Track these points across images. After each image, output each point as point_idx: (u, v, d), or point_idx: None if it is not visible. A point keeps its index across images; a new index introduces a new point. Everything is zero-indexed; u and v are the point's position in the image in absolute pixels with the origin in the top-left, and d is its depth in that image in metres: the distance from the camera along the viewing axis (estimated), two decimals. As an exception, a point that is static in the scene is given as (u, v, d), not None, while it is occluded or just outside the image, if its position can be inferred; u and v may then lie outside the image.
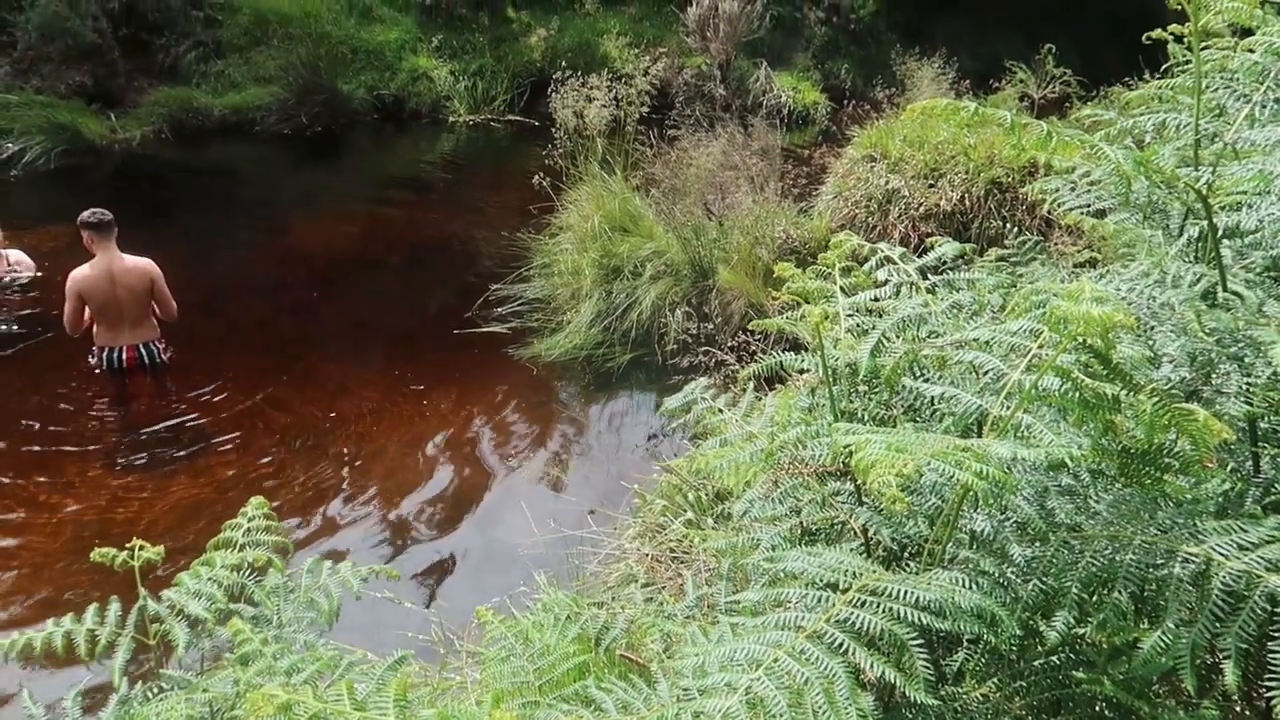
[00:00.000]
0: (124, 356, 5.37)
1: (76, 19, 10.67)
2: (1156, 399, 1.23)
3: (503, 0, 13.47)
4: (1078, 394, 1.27)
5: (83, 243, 5.19)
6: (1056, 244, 5.89)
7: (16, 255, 7.03)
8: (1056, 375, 1.29)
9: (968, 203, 6.48)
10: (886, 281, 1.76)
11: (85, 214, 5.15)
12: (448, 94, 12.53)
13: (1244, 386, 1.44)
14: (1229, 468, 1.55)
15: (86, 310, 5.27)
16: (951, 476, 1.19)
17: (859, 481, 1.54)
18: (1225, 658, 1.17)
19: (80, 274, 5.16)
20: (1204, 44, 1.76)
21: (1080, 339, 1.25)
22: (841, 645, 1.21)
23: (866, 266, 1.79)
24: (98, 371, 5.40)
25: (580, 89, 7.27)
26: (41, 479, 4.83)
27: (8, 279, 6.86)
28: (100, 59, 10.91)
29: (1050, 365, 1.28)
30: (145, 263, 5.33)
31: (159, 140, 10.78)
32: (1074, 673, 1.42)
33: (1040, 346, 1.35)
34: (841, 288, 1.73)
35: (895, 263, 1.78)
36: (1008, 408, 1.34)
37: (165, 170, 10.12)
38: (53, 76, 10.68)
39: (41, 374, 5.77)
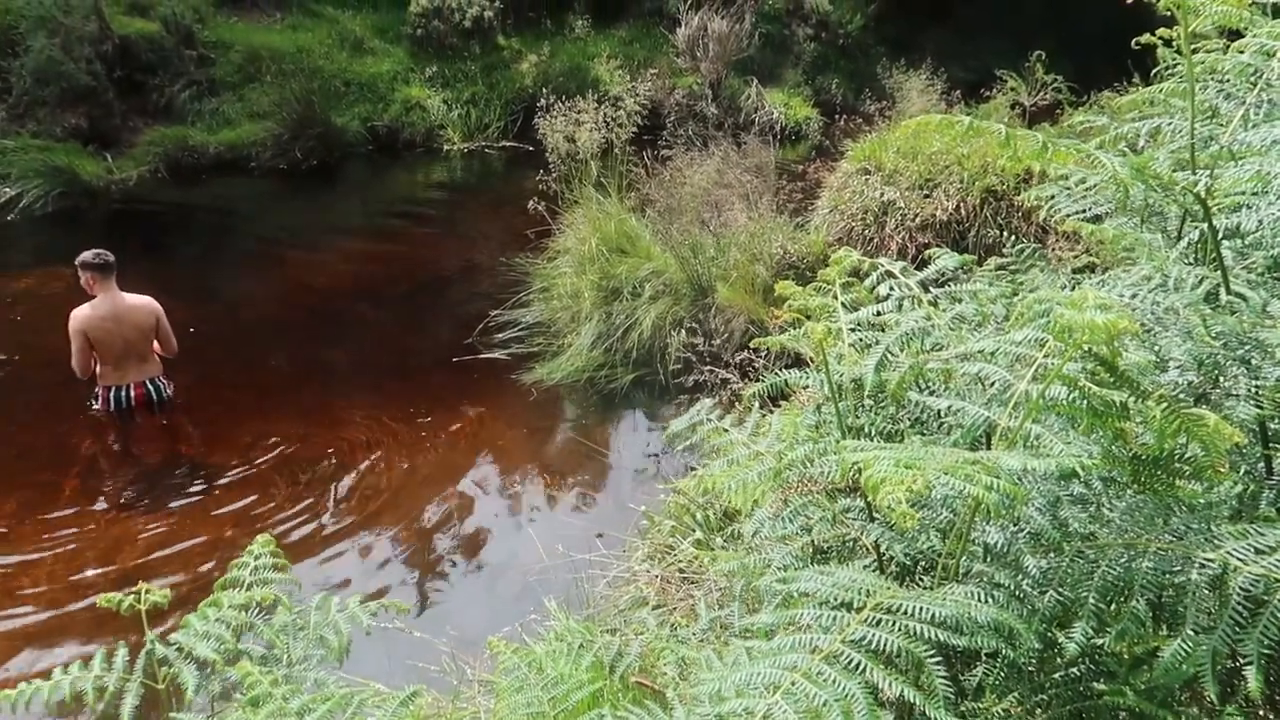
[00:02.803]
0: (132, 395, 5.35)
1: (71, 62, 10.73)
2: (1165, 405, 1.22)
3: (493, 28, 13.57)
4: (1086, 402, 1.26)
5: (81, 284, 5.19)
6: (1054, 249, 5.89)
7: None
8: (1063, 384, 1.28)
9: (963, 212, 6.50)
10: (888, 296, 1.76)
11: (86, 255, 5.14)
12: (441, 123, 12.60)
13: (1253, 389, 1.43)
14: (1241, 470, 1.54)
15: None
16: (962, 490, 1.18)
17: (869, 498, 1.53)
18: (1247, 663, 1.16)
19: (82, 314, 5.15)
20: (1193, 47, 1.77)
21: (1086, 347, 1.25)
22: (858, 665, 1.20)
23: (867, 282, 1.79)
24: (103, 411, 5.37)
25: (569, 113, 7.30)
26: (46, 522, 4.80)
27: None
28: (95, 101, 10.97)
29: (1057, 374, 1.27)
30: (148, 300, 5.34)
31: (155, 179, 10.83)
32: (1095, 684, 1.40)
33: (1046, 356, 1.35)
34: (843, 303, 1.72)
35: (896, 277, 1.78)
36: (1016, 418, 1.33)
37: (163, 209, 10.16)
38: (48, 120, 10.73)
39: (46, 411, 5.76)
